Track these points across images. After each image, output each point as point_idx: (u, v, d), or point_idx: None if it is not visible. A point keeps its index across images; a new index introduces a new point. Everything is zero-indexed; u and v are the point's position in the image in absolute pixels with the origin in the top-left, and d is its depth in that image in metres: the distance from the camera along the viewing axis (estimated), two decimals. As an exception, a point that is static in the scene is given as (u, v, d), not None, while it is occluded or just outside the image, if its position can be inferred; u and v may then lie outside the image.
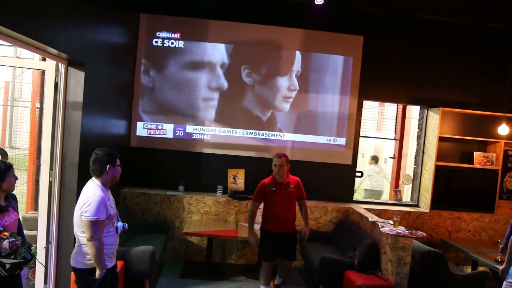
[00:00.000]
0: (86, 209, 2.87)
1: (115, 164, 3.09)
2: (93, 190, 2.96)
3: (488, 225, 6.16)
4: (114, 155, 3.10)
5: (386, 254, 4.59)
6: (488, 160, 6.17)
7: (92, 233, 2.84)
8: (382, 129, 8.50)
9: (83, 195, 2.97)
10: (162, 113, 5.84)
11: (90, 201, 2.89)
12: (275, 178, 4.39)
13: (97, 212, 2.86)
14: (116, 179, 3.12)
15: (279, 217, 4.36)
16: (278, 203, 4.35)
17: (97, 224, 2.86)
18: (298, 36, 5.93)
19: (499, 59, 6.10)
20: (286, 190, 4.38)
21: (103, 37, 4.50)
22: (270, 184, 4.37)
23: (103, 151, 3.09)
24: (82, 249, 2.95)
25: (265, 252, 4.42)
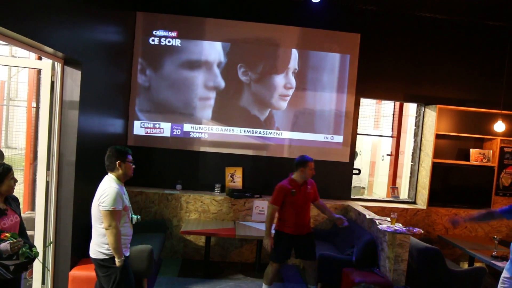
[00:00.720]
0: (103, 200, 3.10)
1: (125, 160, 3.27)
2: (109, 183, 3.19)
3: (485, 222, 6.19)
4: (124, 152, 3.29)
5: (384, 251, 4.61)
6: (484, 157, 6.19)
7: (110, 221, 3.07)
8: (379, 126, 8.50)
9: (100, 188, 3.20)
10: (159, 112, 5.83)
11: (107, 193, 3.11)
12: (294, 180, 4.37)
13: (114, 202, 3.08)
14: (128, 174, 3.30)
15: (299, 219, 4.38)
16: (298, 204, 4.35)
17: (114, 213, 3.08)
18: (295, 34, 5.93)
19: (495, 56, 6.13)
20: (305, 192, 4.40)
21: (100, 35, 4.49)
22: (290, 186, 4.35)
23: (114, 148, 3.30)
24: (101, 239, 3.17)
25: (278, 254, 4.41)
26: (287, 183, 4.36)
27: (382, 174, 8.87)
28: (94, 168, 4.56)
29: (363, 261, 4.71)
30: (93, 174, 4.55)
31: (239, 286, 5.00)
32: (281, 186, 4.35)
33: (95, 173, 4.61)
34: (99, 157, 4.68)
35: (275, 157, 6.00)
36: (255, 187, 5.93)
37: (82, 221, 4.21)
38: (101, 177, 4.86)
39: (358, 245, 4.84)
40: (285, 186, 4.34)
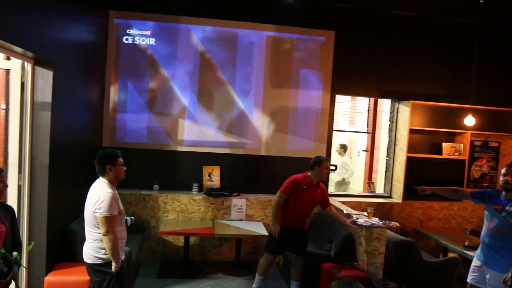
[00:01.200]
0: (99, 206, 3.04)
1: (115, 164, 3.21)
2: (103, 188, 3.13)
3: (457, 213, 6.36)
4: (113, 155, 3.22)
5: (361, 245, 4.68)
6: (456, 150, 6.36)
7: (107, 228, 3.04)
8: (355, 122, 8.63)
9: (93, 193, 3.14)
10: (134, 111, 5.75)
11: (102, 198, 3.06)
12: (310, 178, 4.45)
13: (110, 208, 3.05)
14: (119, 177, 3.25)
15: (299, 215, 4.48)
16: (303, 202, 4.43)
17: (111, 219, 3.06)
18: (269, 31, 5.94)
19: (464, 53, 6.29)
20: (315, 193, 4.49)
21: (72, 34, 4.39)
22: (303, 182, 4.42)
23: (103, 152, 3.24)
24: (97, 245, 3.14)
25: (274, 246, 4.53)
26: (302, 178, 4.45)
27: (358, 169, 9.00)
28: (69, 171, 4.49)
29: (341, 256, 4.78)
30: (69, 177, 4.49)
31: (219, 285, 4.99)
32: (295, 178, 4.44)
33: (71, 175, 4.55)
34: (74, 159, 4.62)
35: (253, 155, 6.01)
36: (233, 185, 5.93)
37: (58, 225, 4.13)
38: (78, 179, 4.81)
39: (336, 240, 4.91)
40: (299, 180, 4.43)
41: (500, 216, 3.68)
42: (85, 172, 5.13)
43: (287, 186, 4.43)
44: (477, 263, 3.90)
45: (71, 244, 4.25)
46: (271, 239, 4.56)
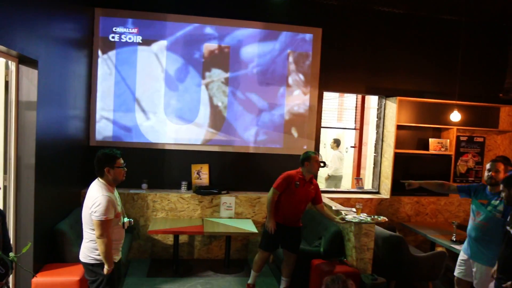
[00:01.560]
0: (96, 209, 3.00)
1: (113, 165, 3.15)
2: (101, 191, 3.07)
3: (444, 208, 6.44)
4: (113, 156, 3.16)
5: (350, 241, 4.72)
6: (442, 146, 6.43)
7: (102, 231, 3.01)
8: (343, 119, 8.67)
9: (91, 195, 3.09)
10: (122, 110, 5.70)
11: (99, 202, 3.01)
12: (303, 174, 4.47)
13: (106, 211, 3.01)
14: (118, 179, 3.20)
15: (292, 211, 4.48)
16: (296, 198, 4.45)
17: (107, 223, 3.02)
18: (257, 29, 5.93)
19: (449, 49, 6.35)
20: (308, 188, 4.51)
21: (57, 32, 4.33)
22: (296, 178, 4.43)
23: (102, 153, 3.17)
24: (92, 245, 3.13)
25: (268, 243, 4.55)
26: (295, 174, 4.46)
27: (346, 165, 9.05)
28: (56, 170, 4.43)
29: (330, 252, 4.80)
30: (56, 177, 4.43)
31: (209, 283, 4.99)
32: (288, 174, 4.45)
33: (58, 175, 4.49)
34: (61, 159, 4.57)
35: (241, 153, 6.01)
36: (222, 183, 5.93)
37: (45, 226, 4.09)
38: (65, 179, 4.76)
39: (325, 237, 4.93)
40: (292, 176, 4.44)
41: (486, 210, 3.74)
42: (73, 172, 5.10)
43: (280, 182, 4.43)
44: (464, 257, 3.96)
45: (59, 244, 4.21)
46: (265, 236, 4.57)
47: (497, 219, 3.65)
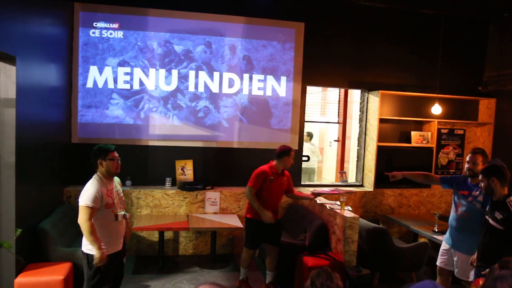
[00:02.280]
0: (82, 194, 3.24)
1: (106, 158, 3.33)
2: (93, 181, 3.31)
3: (426, 199, 6.56)
4: (105, 149, 3.36)
5: (335, 233, 4.77)
6: (424, 138, 6.54)
7: (82, 216, 3.18)
8: (326, 113, 8.72)
9: (84, 186, 3.31)
10: (103, 107, 5.63)
11: (87, 189, 3.25)
12: (275, 168, 4.51)
13: (90, 200, 3.19)
14: (111, 171, 3.37)
15: (271, 206, 4.50)
16: (273, 192, 4.49)
17: (87, 210, 3.19)
18: (239, 23, 5.91)
19: (430, 43, 6.43)
20: (281, 181, 4.57)
21: (35, 28, 4.24)
22: (270, 173, 4.46)
23: (97, 147, 3.38)
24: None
25: (252, 240, 4.59)
26: (268, 169, 4.48)
27: (330, 159, 9.12)
28: (38, 169, 4.36)
29: (316, 245, 4.84)
30: (38, 175, 4.36)
31: (195, 278, 4.99)
32: (262, 171, 4.45)
33: (39, 173, 4.42)
34: (43, 157, 4.50)
35: (225, 148, 6.00)
36: (207, 178, 5.91)
37: (27, 225, 4.02)
38: (47, 178, 4.69)
39: (310, 230, 4.97)
40: (266, 172, 4.45)
41: (467, 201, 3.83)
42: (55, 170, 5.02)
43: (255, 181, 4.43)
44: (446, 247, 4.05)
45: (42, 243, 4.15)
46: (249, 234, 4.60)
47: (477, 210, 3.74)
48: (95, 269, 3.26)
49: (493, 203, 3.38)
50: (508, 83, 6.18)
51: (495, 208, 3.33)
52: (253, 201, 4.43)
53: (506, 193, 3.32)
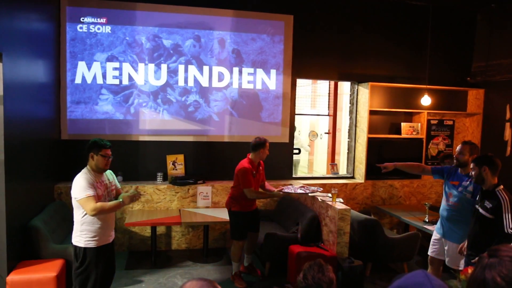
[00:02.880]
0: (74, 191, 3.25)
1: (98, 153, 3.34)
2: (80, 174, 3.33)
3: (417, 190, 6.62)
4: (100, 145, 3.36)
5: (327, 226, 4.80)
6: (414, 129, 6.58)
7: (90, 207, 3.20)
8: (316, 106, 8.74)
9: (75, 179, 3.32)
10: (93, 103, 5.58)
11: (75, 184, 3.27)
12: (252, 161, 4.61)
13: (84, 190, 3.21)
14: (99, 167, 3.37)
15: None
16: (255, 184, 4.60)
17: (89, 199, 3.21)
18: (228, 17, 5.88)
19: (418, 34, 6.46)
20: (259, 172, 4.71)
21: (21, 24, 4.18)
22: (252, 168, 4.57)
23: (92, 140, 3.40)
24: (76, 226, 3.34)
25: (240, 232, 4.69)
26: (249, 165, 4.57)
27: (321, 152, 9.16)
28: (28, 166, 4.32)
29: (308, 237, 4.88)
30: (28, 172, 4.32)
31: (189, 272, 5.00)
32: (247, 169, 4.53)
33: (30, 170, 4.38)
34: (32, 154, 4.45)
35: (216, 142, 5.99)
36: (198, 173, 5.91)
37: (18, 222, 3.99)
38: (38, 174, 4.65)
39: (302, 222, 5.00)
40: (249, 168, 4.56)
41: (457, 191, 3.87)
42: (45, 166, 4.97)
43: (248, 180, 4.50)
44: (437, 236, 4.10)
45: (34, 241, 4.12)
46: (236, 226, 4.69)
47: (467, 200, 3.79)
48: (81, 260, 3.31)
49: (483, 192, 3.43)
50: (496, 74, 6.24)
51: (485, 197, 3.38)
52: (260, 195, 4.65)
53: (496, 183, 3.37)
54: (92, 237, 3.32)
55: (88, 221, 3.29)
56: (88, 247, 3.31)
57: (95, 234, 3.33)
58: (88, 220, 3.29)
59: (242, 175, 4.50)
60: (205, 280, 1.32)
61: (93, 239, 3.32)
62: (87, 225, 3.30)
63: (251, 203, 4.71)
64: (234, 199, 4.64)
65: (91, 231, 3.31)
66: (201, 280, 1.32)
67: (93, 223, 3.31)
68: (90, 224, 3.30)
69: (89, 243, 3.31)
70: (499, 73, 6.17)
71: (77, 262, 3.33)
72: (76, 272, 3.34)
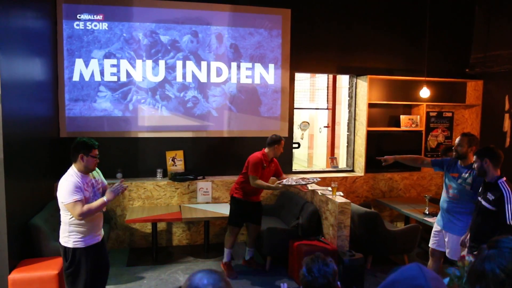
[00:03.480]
0: (60, 195, 3.17)
1: (88, 154, 3.25)
2: (67, 176, 3.23)
3: (416, 182, 6.62)
4: (89, 145, 3.27)
5: (327, 219, 4.81)
6: (413, 122, 6.58)
7: (77, 212, 3.12)
8: (315, 99, 8.72)
9: (59, 182, 3.24)
10: (91, 101, 5.56)
11: (61, 187, 3.18)
12: (267, 156, 4.75)
13: (71, 194, 3.13)
14: (89, 168, 3.30)
15: (258, 190, 4.76)
16: (262, 178, 4.70)
17: (77, 204, 3.13)
18: (225, 11, 5.85)
19: (416, 27, 6.43)
20: (270, 168, 4.82)
21: (17, 21, 4.15)
22: (263, 161, 4.68)
23: (80, 140, 3.30)
24: (63, 227, 3.28)
25: (238, 219, 4.83)
26: (262, 157, 4.70)
27: (320, 145, 9.15)
28: (27, 164, 4.31)
29: (308, 231, 4.89)
30: (27, 170, 4.32)
31: (190, 268, 5.01)
32: (258, 158, 4.67)
33: (29, 169, 4.37)
34: (31, 152, 4.44)
35: (215, 138, 5.99)
36: (198, 169, 5.90)
37: (19, 221, 4.00)
38: (37, 172, 4.64)
39: (303, 216, 5.01)
40: (261, 159, 4.68)
41: (457, 183, 3.88)
42: (44, 164, 4.97)
43: (255, 169, 4.62)
44: (437, 228, 4.11)
45: (35, 239, 4.12)
46: (234, 213, 4.82)
47: (467, 191, 3.79)
48: (70, 260, 3.28)
49: (486, 184, 3.43)
50: (494, 65, 6.23)
51: (487, 189, 3.38)
52: (262, 185, 4.64)
53: (498, 174, 3.37)
54: (80, 238, 3.27)
55: (76, 223, 3.23)
56: (77, 248, 3.27)
57: (84, 235, 3.28)
58: (75, 222, 3.22)
59: (252, 162, 4.64)
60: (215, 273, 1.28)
61: (82, 239, 3.27)
62: (75, 226, 3.24)
63: (255, 194, 4.78)
64: (238, 185, 4.78)
65: (79, 232, 3.26)
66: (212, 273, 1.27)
67: (81, 224, 3.25)
68: (78, 225, 3.24)
69: (78, 243, 3.26)
70: (498, 64, 6.16)
71: (67, 262, 3.29)
72: (67, 272, 3.31)
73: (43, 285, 3.75)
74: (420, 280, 1.07)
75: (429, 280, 1.07)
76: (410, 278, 1.10)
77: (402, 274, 1.13)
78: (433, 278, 1.09)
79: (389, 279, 1.15)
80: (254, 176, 4.61)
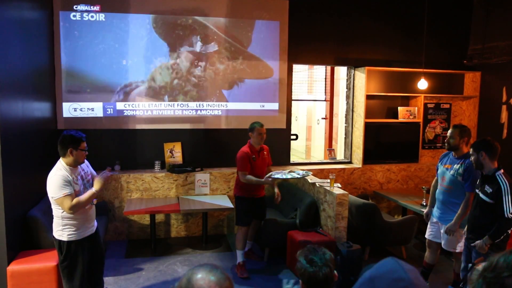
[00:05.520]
0: (50, 190, 3.15)
1: (77, 148, 3.22)
2: (55, 171, 3.20)
3: (414, 174, 6.64)
4: (78, 139, 3.23)
5: (325, 211, 4.83)
6: (411, 113, 6.58)
7: (67, 206, 3.13)
8: (313, 91, 8.71)
9: (48, 176, 3.21)
10: (89, 92, 5.54)
11: (50, 182, 3.16)
12: (253, 146, 4.61)
13: (61, 189, 3.12)
14: (79, 161, 3.29)
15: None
16: (256, 169, 4.58)
17: (67, 198, 3.13)
18: (223, 2, 5.81)
19: (414, 18, 6.40)
20: (262, 157, 4.69)
21: (13, 12, 4.12)
22: (250, 152, 4.56)
23: (68, 134, 3.26)
24: (56, 220, 3.29)
25: (244, 218, 4.67)
26: (248, 149, 4.57)
27: (318, 137, 9.17)
28: (25, 156, 4.30)
29: (306, 223, 4.91)
30: (25, 163, 4.31)
31: (188, 259, 5.03)
32: (245, 153, 4.54)
33: (27, 161, 4.36)
34: (29, 145, 4.43)
35: (213, 129, 5.98)
36: (196, 160, 5.90)
37: (17, 213, 4.00)
38: (35, 165, 4.63)
39: (300, 208, 5.03)
40: (248, 152, 4.55)
41: (449, 174, 3.90)
42: (42, 156, 4.95)
43: (244, 164, 4.51)
44: (434, 220, 4.13)
45: (33, 231, 4.13)
46: (240, 212, 4.68)
47: (459, 182, 3.82)
48: (66, 254, 3.29)
49: (483, 177, 3.44)
50: (492, 56, 6.22)
51: (485, 181, 3.39)
52: (251, 181, 4.50)
53: (496, 167, 3.36)
54: (74, 230, 3.28)
55: (69, 216, 3.23)
56: (71, 240, 3.28)
57: (77, 227, 3.29)
58: (68, 215, 3.23)
59: (239, 159, 4.54)
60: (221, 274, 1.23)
61: (75, 232, 3.29)
62: (68, 220, 3.25)
63: (256, 190, 4.67)
64: (238, 184, 4.69)
65: (73, 224, 3.27)
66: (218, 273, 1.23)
67: (74, 217, 3.26)
68: (71, 218, 3.25)
69: (72, 236, 3.28)
70: (496, 56, 6.16)
71: (62, 255, 3.30)
72: (62, 265, 3.32)
73: (42, 277, 3.76)
74: (400, 272, 1.08)
75: (407, 272, 1.08)
76: (389, 271, 1.10)
77: (379, 269, 1.14)
78: (410, 269, 1.11)
79: (366, 276, 1.15)
80: (243, 172, 4.50)
